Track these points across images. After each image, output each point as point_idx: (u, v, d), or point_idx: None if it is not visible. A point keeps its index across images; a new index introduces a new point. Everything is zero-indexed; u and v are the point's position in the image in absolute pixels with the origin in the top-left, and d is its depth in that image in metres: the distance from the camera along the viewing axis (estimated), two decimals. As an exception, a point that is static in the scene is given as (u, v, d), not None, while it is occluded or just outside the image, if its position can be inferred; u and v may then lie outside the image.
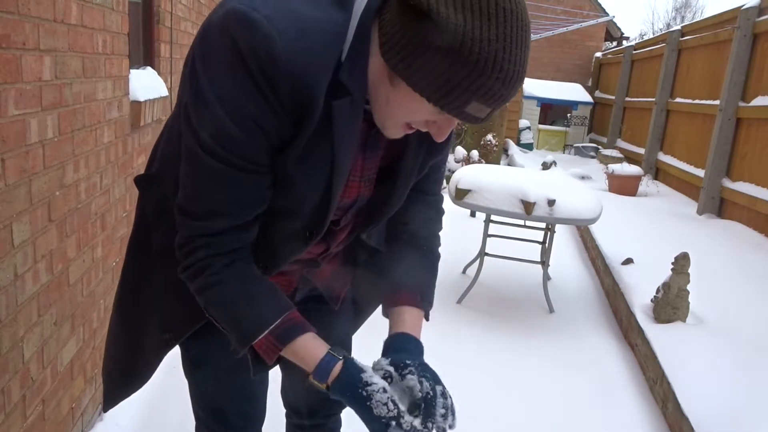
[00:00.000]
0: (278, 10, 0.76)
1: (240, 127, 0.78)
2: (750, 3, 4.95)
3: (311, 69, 0.76)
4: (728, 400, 2.08)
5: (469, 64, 0.71)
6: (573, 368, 2.66)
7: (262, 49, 0.74)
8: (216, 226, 0.86)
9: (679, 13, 25.06)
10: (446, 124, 0.84)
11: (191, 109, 0.80)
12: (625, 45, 10.61)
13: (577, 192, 3.22)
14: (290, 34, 0.75)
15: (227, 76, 0.76)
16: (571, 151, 9.97)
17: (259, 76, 0.75)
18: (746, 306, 2.97)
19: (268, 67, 0.74)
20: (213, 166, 0.80)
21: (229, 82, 0.76)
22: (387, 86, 0.80)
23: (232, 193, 0.83)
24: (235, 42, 0.74)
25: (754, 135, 4.74)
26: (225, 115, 0.77)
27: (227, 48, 0.75)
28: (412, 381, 0.89)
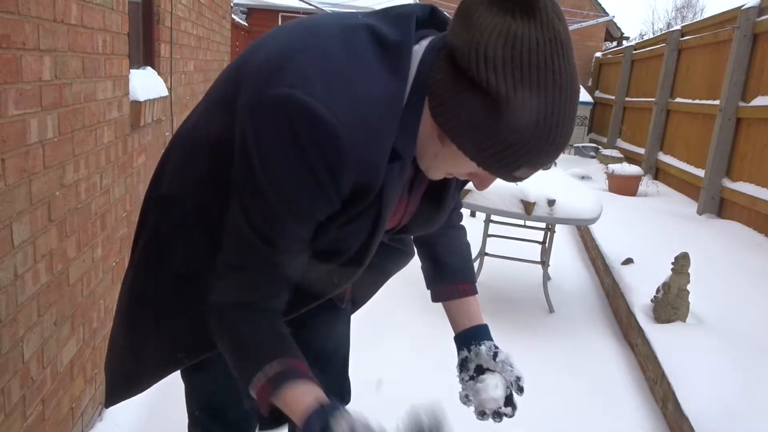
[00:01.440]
0: (336, 92, 0.73)
1: (294, 217, 0.78)
2: (750, 3, 4.95)
3: (375, 154, 0.76)
4: (728, 400, 2.08)
5: (524, 137, 0.71)
6: (573, 368, 2.66)
7: (329, 146, 0.72)
8: (252, 295, 0.86)
9: (680, 12, 25.07)
10: (489, 179, 0.84)
11: (242, 188, 0.79)
12: (625, 45, 10.61)
13: (577, 192, 3.22)
14: (354, 123, 0.73)
15: (285, 168, 0.74)
16: (571, 151, 9.97)
17: (323, 173, 0.73)
18: (746, 306, 2.97)
19: (333, 163, 0.73)
20: (260, 248, 0.80)
21: (287, 174, 0.75)
22: (436, 143, 0.80)
23: (275, 272, 0.84)
24: (296, 135, 0.72)
25: (754, 135, 4.74)
26: (279, 203, 0.76)
27: (286, 139, 0.73)
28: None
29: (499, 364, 1.07)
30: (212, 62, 4.39)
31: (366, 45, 0.77)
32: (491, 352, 1.08)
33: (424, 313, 3.11)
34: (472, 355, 1.09)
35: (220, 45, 4.79)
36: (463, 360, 1.10)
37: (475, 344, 1.09)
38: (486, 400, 1.03)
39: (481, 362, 1.08)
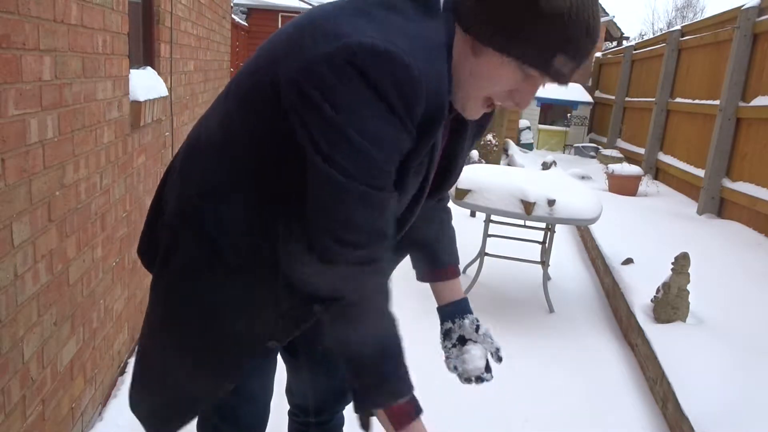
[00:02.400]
0: (390, 33, 0.77)
1: (382, 153, 0.79)
2: (750, 3, 4.95)
3: (440, 85, 0.80)
4: (728, 400, 2.08)
5: (557, 18, 0.76)
6: (573, 368, 2.66)
7: (404, 79, 0.75)
8: (380, 250, 0.85)
9: (680, 12, 25.07)
10: (530, 90, 0.86)
11: (325, 142, 0.78)
12: (625, 45, 10.61)
13: (577, 192, 3.22)
14: (416, 55, 0.76)
15: (364, 108, 0.76)
16: (571, 151, 9.98)
17: (399, 105, 0.76)
18: (746, 306, 2.97)
19: (409, 96, 0.76)
20: (362, 192, 0.80)
21: (367, 114, 0.76)
22: (470, 59, 0.83)
23: (385, 214, 0.84)
24: (367, 75, 0.75)
25: (754, 135, 4.74)
26: (367, 144, 0.77)
27: (359, 82, 0.75)
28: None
29: (482, 336, 1.18)
30: (212, 62, 4.39)
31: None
32: (474, 325, 1.19)
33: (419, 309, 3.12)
34: (455, 327, 1.19)
35: (220, 45, 4.80)
36: (447, 330, 1.20)
37: (459, 317, 1.19)
38: (472, 369, 1.17)
39: (463, 333, 1.19)
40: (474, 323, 1.18)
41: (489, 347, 1.18)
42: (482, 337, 1.18)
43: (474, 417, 2.23)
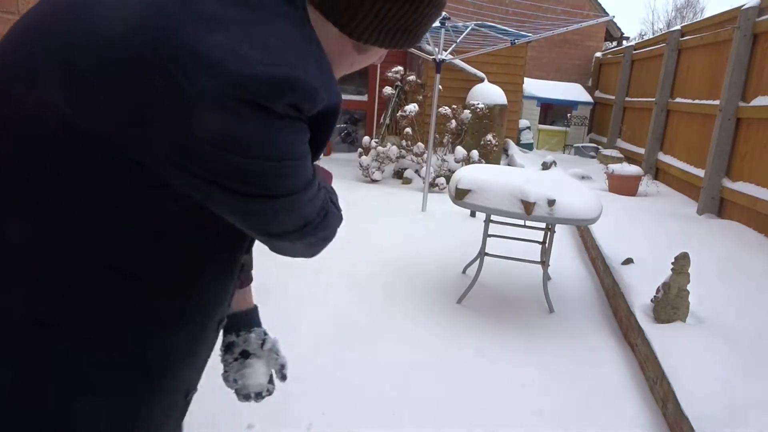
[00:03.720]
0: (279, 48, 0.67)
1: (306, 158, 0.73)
2: (750, 3, 4.95)
3: (332, 82, 0.75)
4: (728, 400, 2.09)
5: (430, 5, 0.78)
6: (573, 368, 2.66)
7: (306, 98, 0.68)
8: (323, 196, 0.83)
9: (680, 12, 25.07)
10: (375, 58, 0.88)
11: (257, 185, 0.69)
12: (625, 45, 10.62)
13: (577, 192, 3.22)
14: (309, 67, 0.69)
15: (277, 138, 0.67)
16: (571, 151, 9.98)
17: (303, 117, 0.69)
18: (746, 306, 2.97)
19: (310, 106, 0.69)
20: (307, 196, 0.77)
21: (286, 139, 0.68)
22: (352, 55, 0.82)
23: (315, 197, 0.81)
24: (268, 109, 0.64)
25: (754, 135, 4.74)
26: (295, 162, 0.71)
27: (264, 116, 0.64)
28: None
29: (266, 352, 1.10)
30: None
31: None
32: (260, 339, 1.10)
33: (422, 314, 3.12)
34: (239, 341, 1.10)
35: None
36: (229, 344, 1.10)
37: (245, 330, 1.10)
38: (253, 385, 1.08)
39: (247, 348, 1.10)
40: (260, 337, 1.10)
41: (273, 364, 1.10)
42: (267, 352, 1.10)
43: (473, 416, 2.23)
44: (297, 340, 2.66)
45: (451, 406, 2.30)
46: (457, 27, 6.14)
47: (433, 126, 5.39)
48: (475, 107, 6.85)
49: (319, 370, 2.45)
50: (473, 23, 6.35)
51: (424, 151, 6.44)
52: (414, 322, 2.99)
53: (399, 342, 2.76)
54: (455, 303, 3.26)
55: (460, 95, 7.30)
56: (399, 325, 2.92)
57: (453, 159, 6.58)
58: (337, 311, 2.97)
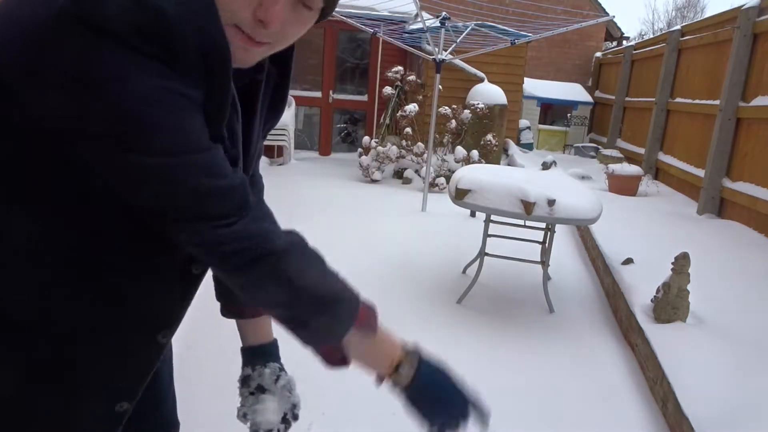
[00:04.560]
0: None
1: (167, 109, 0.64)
2: (750, 3, 4.95)
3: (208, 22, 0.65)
4: (728, 400, 2.09)
5: None
6: (573, 368, 2.66)
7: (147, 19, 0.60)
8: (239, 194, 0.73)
9: (681, 12, 25.07)
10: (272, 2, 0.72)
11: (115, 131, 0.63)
12: (625, 45, 10.62)
13: (577, 192, 3.22)
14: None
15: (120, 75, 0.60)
16: (571, 151, 9.97)
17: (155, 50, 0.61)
18: (746, 306, 2.97)
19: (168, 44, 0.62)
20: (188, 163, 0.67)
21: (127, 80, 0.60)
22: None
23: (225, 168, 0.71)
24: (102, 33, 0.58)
25: (754, 135, 4.74)
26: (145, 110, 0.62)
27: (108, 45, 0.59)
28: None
29: (279, 389, 1.06)
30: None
31: None
32: (274, 376, 1.06)
33: (421, 314, 3.12)
34: (255, 375, 1.06)
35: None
36: (245, 377, 1.07)
37: (261, 365, 1.07)
38: (262, 422, 1.04)
39: (262, 383, 1.06)
40: (275, 373, 1.06)
41: (285, 403, 1.06)
42: (280, 390, 1.06)
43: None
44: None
45: (451, 406, 2.30)
46: (457, 27, 6.14)
47: (433, 126, 5.39)
48: (475, 107, 6.85)
49: (319, 370, 2.44)
50: (473, 23, 6.35)
51: (424, 151, 6.44)
52: (414, 322, 2.99)
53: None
54: (455, 303, 3.26)
55: (460, 95, 7.30)
56: (399, 325, 2.90)
57: (453, 159, 6.58)
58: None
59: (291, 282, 0.75)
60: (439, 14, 5.63)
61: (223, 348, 2.57)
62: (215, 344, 2.55)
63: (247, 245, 0.72)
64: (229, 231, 0.70)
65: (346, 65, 8.75)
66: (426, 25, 5.44)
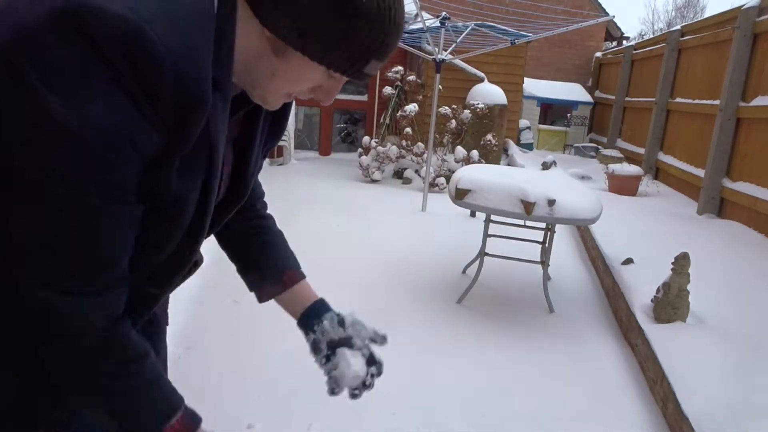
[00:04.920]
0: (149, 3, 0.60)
1: (114, 151, 0.61)
2: (750, 3, 4.95)
3: (199, 69, 0.64)
4: (728, 400, 2.09)
5: (371, 23, 0.68)
6: (573, 368, 2.67)
7: (143, 57, 0.59)
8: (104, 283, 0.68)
9: (680, 12, 25.07)
10: (335, 87, 0.78)
11: (36, 140, 0.59)
12: (625, 45, 10.62)
13: (577, 192, 3.22)
14: (163, 25, 0.60)
15: (89, 90, 0.59)
16: (571, 151, 9.97)
17: (134, 86, 0.60)
18: (746, 306, 2.97)
19: (150, 79, 0.60)
20: (85, 206, 0.62)
21: (93, 99, 0.59)
22: (272, 60, 0.72)
23: (115, 234, 0.67)
24: (94, 45, 0.57)
25: (754, 135, 4.74)
26: (93, 139, 0.60)
27: (82, 54, 0.58)
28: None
29: (350, 328, 1.02)
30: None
31: None
32: (335, 321, 1.03)
33: (422, 314, 3.11)
34: (318, 335, 1.02)
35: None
36: (313, 343, 1.03)
37: (317, 322, 1.02)
38: (349, 380, 0.98)
39: (331, 337, 1.02)
40: (334, 320, 1.02)
41: (363, 338, 1.02)
42: (351, 328, 1.02)
43: (473, 416, 2.23)
44: (298, 340, 2.66)
45: (451, 406, 2.30)
46: (457, 27, 6.14)
47: (433, 126, 5.39)
48: (475, 107, 6.85)
49: (319, 370, 2.45)
50: (473, 23, 6.35)
51: (424, 151, 6.44)
52: (414, 322, 2.99)
53: (399, 342, 2.76)
54: (455, 303, 3.26)
55: (460, 95, 7.30)
56: (399, 325, 2.92)
57: (453, 159, 6.58)
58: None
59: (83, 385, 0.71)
60: (439, 14, 5.63)
61: (222, 349, 2.58)
62: (214, 346, 2.55)
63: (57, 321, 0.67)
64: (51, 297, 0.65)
65: (346, 65, 8.74)
66: (426, 25, 5.44)
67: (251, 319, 2.74)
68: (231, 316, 2.84)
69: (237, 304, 2.95)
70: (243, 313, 2.86)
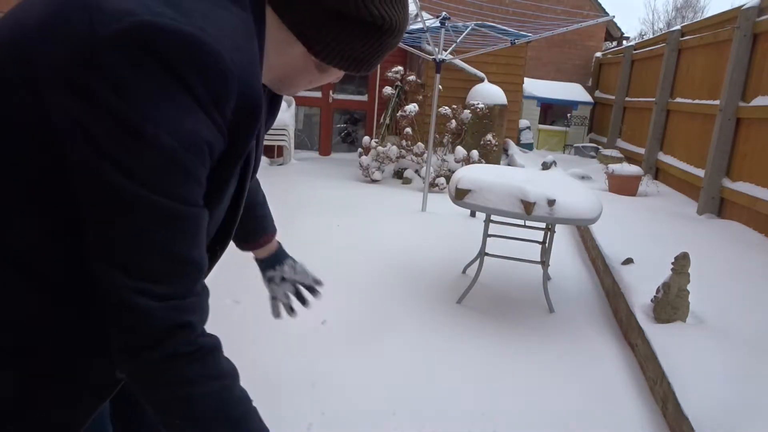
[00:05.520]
0: (199, 17, 0.65)
1: (189, 155, 0.65)
2: (750, 3, 4.95)
3: (254, 79, 0.70)
4: (728, 401, 2.09)
5: (391, 37, 0.82)
6: (573, 368, 2.66)
7: (212, 68, 0.64)
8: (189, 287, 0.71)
9: (680, 12, 25.06)
10: (337, 75, 0.91)
11: (111, 143, 0.63)
12: (625, 45, 10.61)
13: (577, 192, 3.22)
14: (229, 46, 0.66)
15: (164, 100, 0.63)
16: (571, 151, 9.97)
17: (206, 98, 0.64)
18: (746, 306, 2.97)
19: (218, 88, 0.65)
20: (172, 211, 0.66)
21: (168, 106, 0.63)
22: (314, 74, 0.86)
23: (197, 236, 0.70)
24: (166, 61, 0.61)
25: (754, 135, 4.74)
26: (168, 142, 0.63)
27: (156, 68, 0.61)
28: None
29: (300, 273, 1.34)
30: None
31: None
32: (293, 267, 1.33)
33: (422, 314, 3.11)
34: (277, 272, 1.31)
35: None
36: (270, 277, 1.32)
37: (279, 264, 1.31)
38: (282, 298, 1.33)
39: (284, 275, 1.32)
40: (292, 265, 1.32)
41: (306, 280, 1.34)
42: (301, 274, 1.33)
43: (473, 416, 2.23)
44: (297, 340, 2.66)
45: (451, 406, 2.30)
46: (457, 27, 6.14)
47: (433, 126, 5.39)
48: (475, 107, 6.85)
49: (319, 370, 2.45)
50: (473, 23, 6.35)
51: (424, 151, 6.44)
52: (414, 322, 2.99)
53: (399, 342, 2.76)
54: (455, 303, 3.26)
55: (460, 95, 7.30)
56: (399, 325, 2.92)
57: (453, 159, 6.58)
58: (337, 311, 2.97)
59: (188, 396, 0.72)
60: (439, 14, 5.63)
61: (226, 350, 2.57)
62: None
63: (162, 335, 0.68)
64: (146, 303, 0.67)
65: (346, 65, 8.74)
66: (426, 25, 5.44)
67: (251, 319, 2.74)
68: (231, 316, 2.84)
69: (237, 304, 2.95)
70: (243, 313, 2.86)
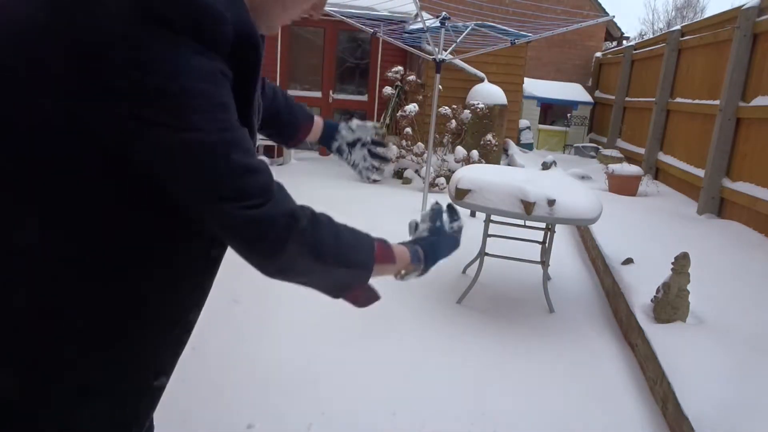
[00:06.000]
0: None
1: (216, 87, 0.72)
2: (750, 3, 4.95)
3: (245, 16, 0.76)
4: (728, 401, 2.09)
5: None
6: (573, 368, 2.67)
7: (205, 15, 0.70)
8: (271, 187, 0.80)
9: (680, 12, 25.06)
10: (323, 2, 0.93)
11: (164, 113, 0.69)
12: (625, 45, 10.62)
13: (577, 192, 3.22)
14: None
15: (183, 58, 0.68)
16: (571, 151, 9.97)
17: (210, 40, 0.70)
18: (746, 306, 2.97)
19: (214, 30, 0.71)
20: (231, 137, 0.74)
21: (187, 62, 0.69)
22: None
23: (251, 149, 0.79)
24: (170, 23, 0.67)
25: (754, 135, 4.74)
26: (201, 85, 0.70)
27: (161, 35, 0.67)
28: None
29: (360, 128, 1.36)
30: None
31: None
32: (350, 127, 1.36)
33: (422, 314, 3.11)
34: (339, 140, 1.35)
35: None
36: (338, 148, 1.36)
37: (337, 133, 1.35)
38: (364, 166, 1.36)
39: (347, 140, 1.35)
40: (347, 127, 1.35)
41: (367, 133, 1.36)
42: (359, 130, 1.35)
43: (473, 416, 2.23)
44: (297, 340, 2.66)
45: (451, 405, 2.30)
46: (457, 27, 6.14)
47: (433, 126, 5.39)
48: (475, 107, 6.85)
49: (319, 370, 2.45)
50: (473, 23, 6.35)
51: (424, 151, 6.44)
52: (414, 322, 2.99)
53: (399, 342, 2.76)
54: (455, 303, 3.26)
55: (460, 95, 7.30)
56: (399, 325, 2.92)
57: (453, 159, 6.58)
58: (337, 311, 2.97)
59: (318, 256, 0.84)
60: (439, 14, 5.63)
61: (222, 349, 2.58)
62: (214, 346, 2.55)
63: (274, 229, 0.78)
64: (258, 213, 0.76)
65: (346, 65, 8.75)
66: (426, 25, 5.44)
67: (251, 319, 2.74)
68: (231, 316, 2.85)
69: (237, 304, 2.95)
70: (243, 313, 2.86)
